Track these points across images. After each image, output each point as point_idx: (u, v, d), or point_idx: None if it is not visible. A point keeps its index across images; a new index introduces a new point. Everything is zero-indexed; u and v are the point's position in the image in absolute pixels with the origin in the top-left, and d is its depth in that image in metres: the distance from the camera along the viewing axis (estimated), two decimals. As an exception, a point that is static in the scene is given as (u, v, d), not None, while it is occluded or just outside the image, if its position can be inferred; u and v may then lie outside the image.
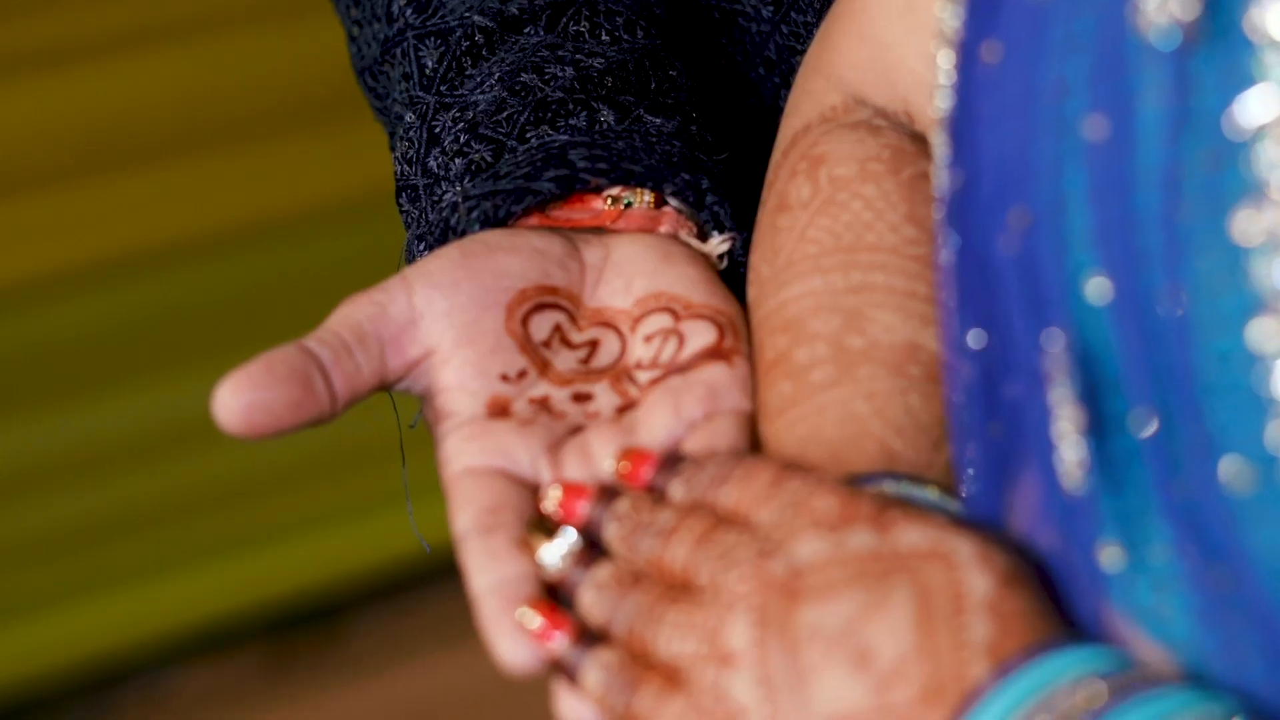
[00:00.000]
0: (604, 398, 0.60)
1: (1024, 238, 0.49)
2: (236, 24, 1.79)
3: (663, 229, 0.64)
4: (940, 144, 0.53)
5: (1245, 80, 0.44)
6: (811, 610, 0.50)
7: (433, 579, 2.01)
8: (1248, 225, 0.44)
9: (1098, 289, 0.47)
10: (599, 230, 0.64)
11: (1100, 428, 0.49)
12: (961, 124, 0.51)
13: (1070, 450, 0.49)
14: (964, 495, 0.55)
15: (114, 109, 1.76)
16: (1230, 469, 0.45)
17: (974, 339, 0.52)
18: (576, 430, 0.59)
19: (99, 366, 1.90)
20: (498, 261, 0.61)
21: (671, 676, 0.52)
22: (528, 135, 0.65)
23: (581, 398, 0.60)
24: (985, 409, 0.53)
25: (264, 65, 1.80)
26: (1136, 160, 0.46)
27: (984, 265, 0.51)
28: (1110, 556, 0.49)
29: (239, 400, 0.56)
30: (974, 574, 0.50)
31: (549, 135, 0.64)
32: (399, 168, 0.67)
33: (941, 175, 0.53)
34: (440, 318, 0.60)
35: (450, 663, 1.98)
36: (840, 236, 0.60)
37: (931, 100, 0.55)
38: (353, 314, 0.60)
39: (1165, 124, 0.45)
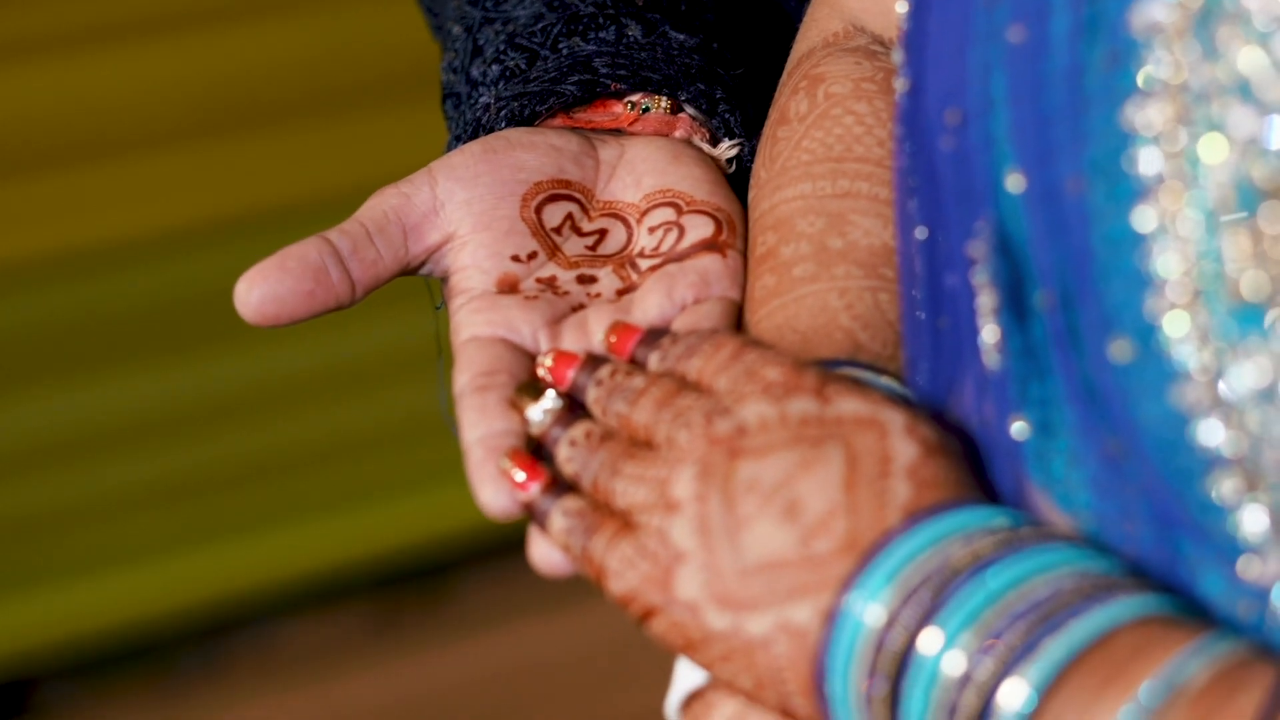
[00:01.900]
0: (606, 280, 0.68)
1: (956, 135, 0.56)
2: (250, 12, 1.86)
3: (677, 134, 0.72)
4: (898, 58, 0.60)
5: None
6: (750, 466, 0.57)
7: (542, 542, 2.06)
8: (1134, 117, 0.50)
9: (1015, 182, 0.54)
10: (617, 132, 0.72)
11: (1022, 315, 0.55)
12: (914, 37, 0.59)
13: (988, 331, 0.56)
14: (914, 385, 0.62)
15: (139, 92, 1.84)
16: (1119, 344, 0.52)
17: (920, 233, 0.59)
18: (578, 308, 0.67)
19: (218, 322, 1.99)
20: (516, 156, 0.69)
21: (626, 523, 0.59)
22: (560, 46, 0.72)
23: (586, 280, 0.68)
24: (932, 302, 0.60)
25: (276, 54, 1.87)
26: (1048, 63, 0.53)
27: (929, 164, 0.58)
28: (1020, 431, 0.56)
29: (253, 294, 0.65)
30: (902, 442, 0.57)
31: (579, 46, 0.72)
32: (445, 76, 0.76)
33: (897, 85, 0.60)
34: (460, 206, 0.68)
35: (554, 627, 2.03)
36: (831, 147, 0.67)
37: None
38: (379, 204, 0.68)
39: (1072, 28, 0.52)
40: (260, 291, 0.64)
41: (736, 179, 0.72)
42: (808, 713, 0.56)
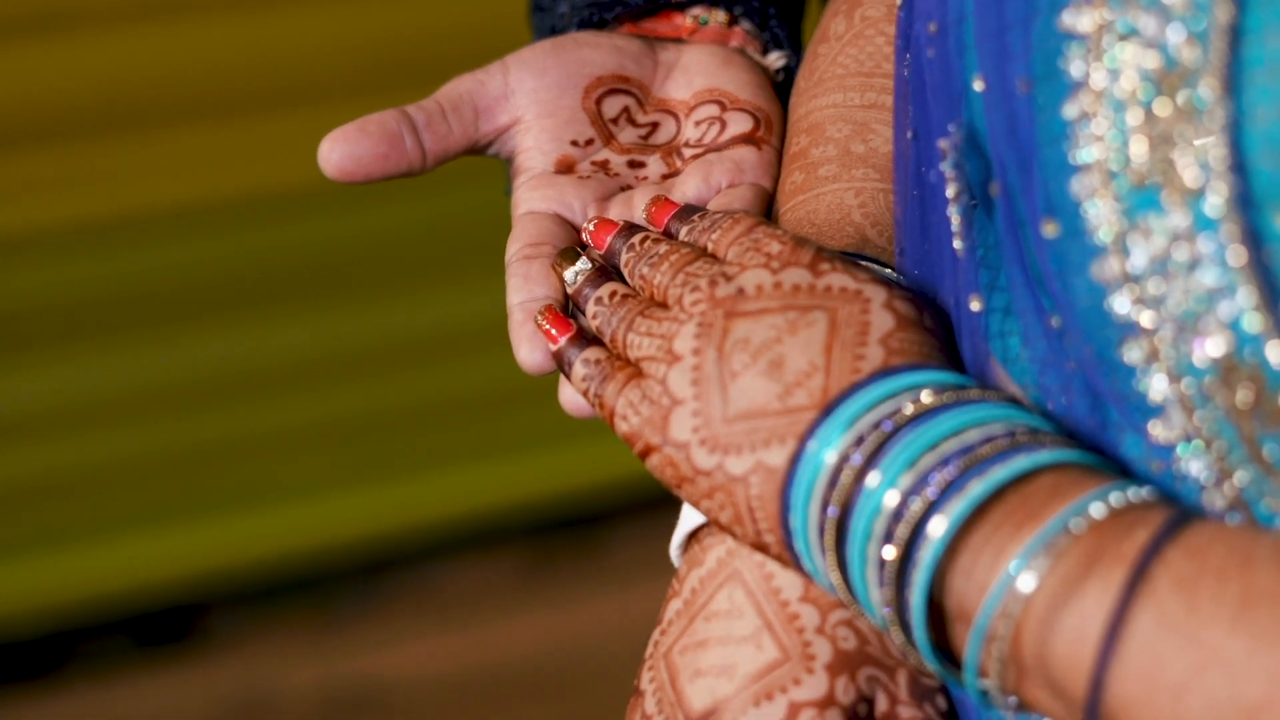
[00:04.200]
0: (654, 166, 0.79)
1: (936, 45, 0.65)
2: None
3: (732, 44, 0.82)
4: None
5: None
6: (744, 326, 0.67)
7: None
8: (1070, 21, 0.59)
9: (979, 84, 0.63)
10: (679, 41, 0.82)
11: (990, 208, 0.65)
12: None
13: (954, 217, 0.65)
14: (907, 273, 0.71)
15: (169, 68, 1.97)
16: (1050, 224, 0.61)
17: (910, 134, 0.69)
18: (626, 189, 0.78)
19: (395, 271, 2.13)
20: (582, 53, 0.80)
21: (637, 372, 0.69)
22: None
23: (636, 165, 0.79)
24: (920, 198, 0.69)
25: (291, 38, 2.00)
26: None
27: (919, 72, 0.67)
28: (975, 306, 0.65)
29: (334, 153, 0.76)
30: (880, 314, 0.66)
31: None
32: None
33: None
34: (528, 94, 0.79)
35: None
36: (863, 64, 0.77)
37: None
38: (455, 87, 0.79)
39: None
40: (340, 151, 0.76)
41: (784, 89, 0.82)
42: (776, 545, 0.66)
